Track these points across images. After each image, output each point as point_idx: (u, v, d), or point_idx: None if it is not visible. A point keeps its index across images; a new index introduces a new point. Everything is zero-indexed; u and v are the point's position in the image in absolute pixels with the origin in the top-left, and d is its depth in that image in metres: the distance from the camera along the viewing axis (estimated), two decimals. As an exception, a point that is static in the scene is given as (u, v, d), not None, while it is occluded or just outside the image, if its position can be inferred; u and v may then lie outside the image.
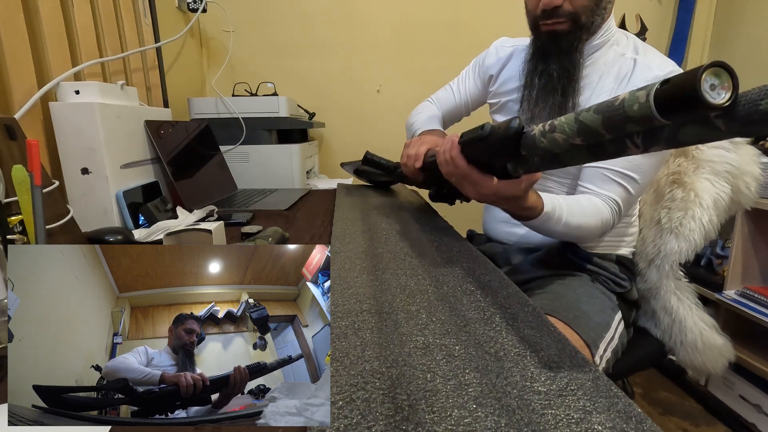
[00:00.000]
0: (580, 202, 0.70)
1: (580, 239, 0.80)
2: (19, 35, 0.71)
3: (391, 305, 0.45)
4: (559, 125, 0.38)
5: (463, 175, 0.54)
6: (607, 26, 0.77)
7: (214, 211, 0.84)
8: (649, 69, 0.72)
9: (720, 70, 0.26)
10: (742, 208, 0.86)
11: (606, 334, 0.71)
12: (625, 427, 0.28)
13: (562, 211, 0.65)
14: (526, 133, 0.43)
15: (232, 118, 1.27)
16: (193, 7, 1.40)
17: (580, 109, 0.36)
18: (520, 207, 0.60)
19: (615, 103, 0.32)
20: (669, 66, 0.73)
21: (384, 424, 0.28)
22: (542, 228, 0.66)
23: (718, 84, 0.26)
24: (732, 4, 1.69)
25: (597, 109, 0.34)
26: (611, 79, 0.75)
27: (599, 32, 0.76)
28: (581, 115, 0.35)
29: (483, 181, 0.53)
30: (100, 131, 0.75)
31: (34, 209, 0.45)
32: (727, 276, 1.37)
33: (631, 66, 0.74)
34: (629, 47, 0.77)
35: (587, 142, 0.36)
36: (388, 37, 1.67)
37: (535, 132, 0.42)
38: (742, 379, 1.33)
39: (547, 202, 0.63)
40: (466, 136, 0.53)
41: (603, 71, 0.77)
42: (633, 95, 0.30)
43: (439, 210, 1.00)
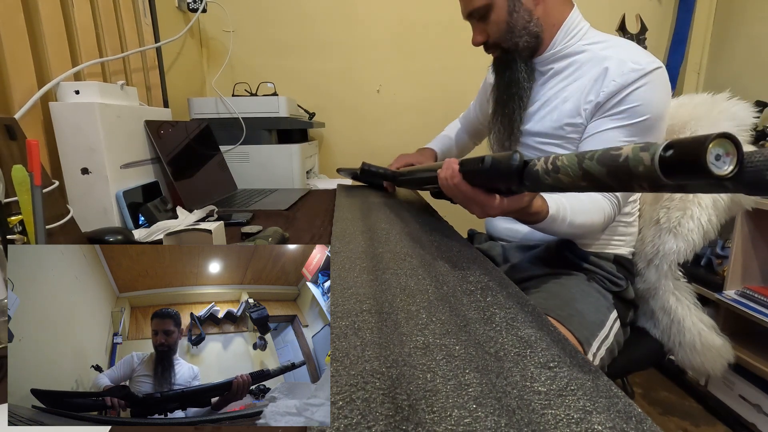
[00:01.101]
0: (581, 199, 0.70)
1: (584, 236, 0.82)
2: (19, 35, 0.71)
3: (391, 305, 0.46)
4: (562, 168, 0.38)
5: (468, 198, 0.56)
6: (557, 40, 0.81)
7: (214, 211, 0.84)
8: (622, 62, 0.72)
9: (724, 140, 0.26)
10: (742, 209, 0.86)
11: (600, 332, 0.72)
12: (625, 427, 0.28)
13: (566, 212, 0.66)
14: (529, 168, 0.44)
15: (232, 118, 1.27)
16: (193, 7, 1.40)
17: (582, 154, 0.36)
18: (527, 213, 0.61)
19: (618, 159, 0.32)
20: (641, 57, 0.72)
21: (384, 424, 0.28)
22: (548, 229, 0.67)
23: (722, 153, 0.26)
24: (732, 4, 1.69)
25: (600, 160, 0.34)
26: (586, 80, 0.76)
27: (551, 45, 0.82)
28: (584, 163, 0.35)
29: (488, 201, 0.54)
30: (100, 131, 0.75)
31: (34, 209, 0.45)
32: (727, 276, 1.37)
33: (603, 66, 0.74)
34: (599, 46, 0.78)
35: (593, 184, 0.37)
36: (388, 37, 1.67)
37: (538, 168, 0.42)
38: (742, 379, 1.33)
39: (551, 204, 0.64)
40: (466, 167, 0.54)
41: (576, 75, 0.79)
42: (636, 155, 0.30)
43: (439, 210, 1.00)
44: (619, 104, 0.71)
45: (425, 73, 1.71)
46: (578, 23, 0.81)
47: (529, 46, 0.81)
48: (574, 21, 0.80)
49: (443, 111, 1.65)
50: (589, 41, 0.80)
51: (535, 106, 0.84)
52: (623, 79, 0.71)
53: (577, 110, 0.76)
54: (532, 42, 0.81)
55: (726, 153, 0.26)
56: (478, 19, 0.83)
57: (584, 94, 0.76)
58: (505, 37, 0.81)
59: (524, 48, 0.81)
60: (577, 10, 0.82)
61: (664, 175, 0.29)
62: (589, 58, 0.78)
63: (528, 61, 0.84)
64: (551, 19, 0.80)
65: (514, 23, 0.79)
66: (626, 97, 0.71)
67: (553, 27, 0.81)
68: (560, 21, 0.80)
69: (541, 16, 0.79)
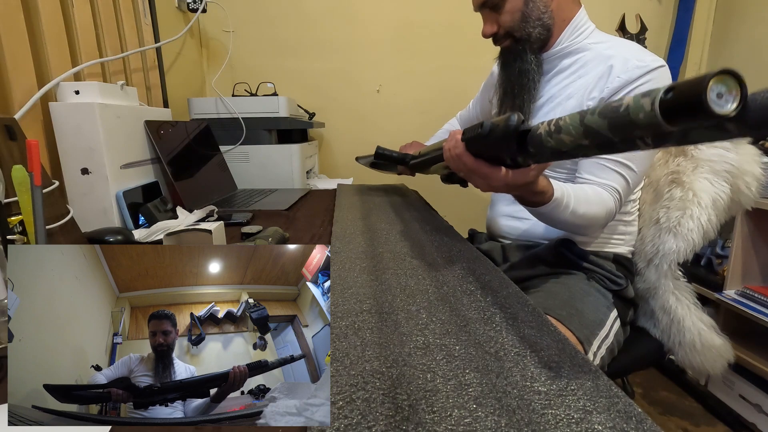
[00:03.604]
0: (585, 190, 0.70)
1: (585, 229, 0.80)
2: (19, 35, 0.71)
3: (392, 305, 0.46)
4: (564, 127, 0.38)
5: (471, 170, 0.54)
6: (564, 36, 0.82)
7: (214, 211, 0.84)
8: (626, 60, 0.73)
9: (727, 76, 0.25)
10: (742, 208, 0.86)
11: (600, 331, 0.72)
12: (625, 426, 0.28)
13: (570, 199, 0.66)
14: (532, 133, 0.43)
15: (232, 118, 1.27)
16: (193, 7, 1.40)
17: (584, 111, 0.36)
18: (532, 192, 0.60)
19: (620, 108, 0.31)
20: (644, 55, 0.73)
21: (384, 424, 0.28)
22: (550, 215, 0.67)
23: (725, 91, 0.25)
24: (732, 4, 1.69)
25: (602, 113, 0.33)
26: (590, 78, 0.77)
27: (558, 41, 0.83)
28: (586, 119, 0.35)
29: (492, 173, 0.52)
30: (100, 131, 0.75)
31: (34, 209, 0.45)
32: (727, 276, 1.37)
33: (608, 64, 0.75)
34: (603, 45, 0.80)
35: (596, 142, 0.36)
36: (388, 37, 1.67)
37: (541, 131, 0.41)
38: (742, 379, 1.33)
39: (557, 188, 0.63)
40: (467, 134, 0.53)
41: (580, 73, 0.80)
42: (637, 102, 0.30)
43: (439, 210, 1.00)
44: None
45: (425, 73, 1.71)
46: (585, 22, 0.83)
47: (541, 38, 0.82)
48: (581, 19, 0.82)
49: (443, 111, 1.65)
50: (594, 40, 0.81)
51: (540, 102, 0.85)
52: (627, 75, 0.72)
53: (580, 107, 0.76)
54: (544, 34, 0.81)
55: (729, 91, 0.25)
56: (491, 9, 0.83)
57: (588, 92, 0.77)
58: (519, 25, 0.81)
59: (536, 39, 0.82)
60: (584, 10, 0.83)
61: (664, 119, 0.27)
62: (593, 56, 0.79)
63: (537, 53, 0.84)
64: (563, 14, 0.81)
65: (529, 13, 0.80)
66: (630, 93, 0.71)
67: (563, 22, 0.82)
68: (570, 17, 0.82)
69: (554, 9, 0.81)
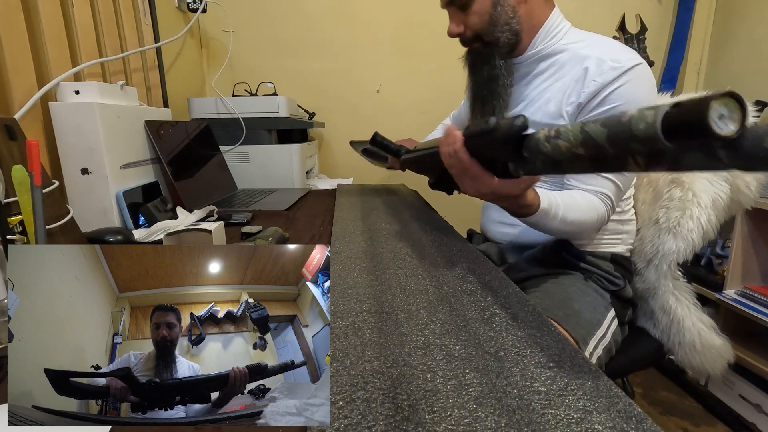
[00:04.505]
0: (575, 197, 0.70)
1: (576, 235, 0.81)
2: (19, 35, 0.71)
3: (391, 305, 0.46)
4: (564, 132, 0.38)
5: (464, 168, 0.53)
6: (538, 39, 0.81)
7: (214, 211, 0.84)
8: (601, 62, 0.72)
9: (730, 100, 0.25)
10: (742, 208, 0.86)
11: (597, 331, 0.71)
12: (625, 426, 0.28)
13: (558, 208, 0.65)
14: (530, 135, 0.43)
15: (232, 118, 1.27)
16: (193, 7, 1.40)
17: (588, 120, 0.36)
18: (518, 205, 0.60)
19: (623, 119, 0.31)
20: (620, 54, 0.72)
21: (384, 424, 0.28)
22: (539, 225, 0.66)
23: (727, 114, 0.26)
24: (732, 4, 1.69)
25: (604, 122, 0.33)
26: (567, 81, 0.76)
27: (532, 45, 0.81)
28: (587, 126, 0.35)
29: (483, 177, 0.52)
30: (99, 131, 0.75)
31: (34, 209, 0.45)
32: (727, 276, 1.37)
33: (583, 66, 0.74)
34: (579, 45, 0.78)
35: (590, 153, 0.36)
36: (388, 37, 1.67)
37: (539, 136, 0.42)
38: (742, 379, 1.33)
39: (543, 199, 0.63)
40: (471, 129, 0.53)
41: (558, 75, 0.79)
42: (641, 113, 0.30)
43: (439, 210, 1.00)
44: (601, 104, 0.71)
45: (425, 73, 1.71)
46: (559, 23, 0.81)
47: (509, 43, 0.81)
48: (554, 21, 0.81)
49: (443, 111, 1.65)
50: (570, 40, 0.79)
51: (520, 107, 0.84)
52: (603, 78, 0.70)
53: (559, 111, 0.76)
54: (512, 39, 0.80)
55: (730, 114, 0.26)
56: (458, 8, 0.82)
57: (566, 95, 0.75)
58: (488, 29, 0.80)
59: (504, 44, 0.81)
60: (558, 11, 0.82)
61: (664, 134, 0.28)
62: (569, 58, 0.77)
63: (506, 58, 0.83)
64: (533, 20, 0.80)
65: (497, 17, 0.78)
66: (607, 96, 0.70)
67: (534, 28, 0.81)
68: (541, 22, 0.81)
69: (523, 15, 0.79)
